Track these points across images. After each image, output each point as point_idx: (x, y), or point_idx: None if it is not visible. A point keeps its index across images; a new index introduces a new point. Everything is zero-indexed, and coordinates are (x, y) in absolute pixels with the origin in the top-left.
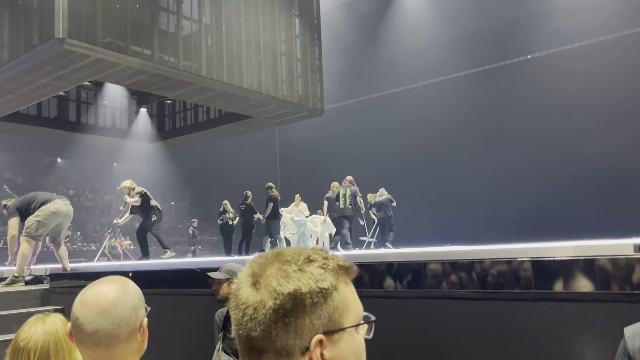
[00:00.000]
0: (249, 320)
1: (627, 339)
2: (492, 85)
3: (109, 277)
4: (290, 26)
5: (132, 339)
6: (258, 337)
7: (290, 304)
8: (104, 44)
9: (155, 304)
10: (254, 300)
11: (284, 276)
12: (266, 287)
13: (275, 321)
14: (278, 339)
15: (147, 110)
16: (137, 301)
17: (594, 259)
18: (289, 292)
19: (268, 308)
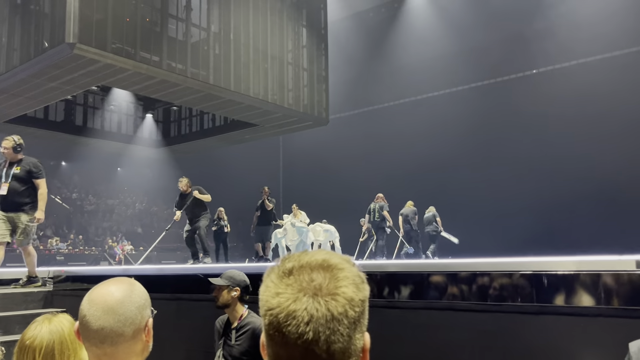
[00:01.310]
0: (330, 334)
1: (632, 354)
2: (497, 99)
3: (117, 278)
4: (297, 36)
5: (137, 338)
6: (339, 347)
7: (362, 310)
8: (113, 49)
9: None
10: (331, 313)
11: (352, 284)
12: (341, 296)
13: (355, 328)
14: (352, 345)
15: (153, 116)
16: (143, 301)
17: (596, 274)
18: (361, 299)
19: (350, 317)
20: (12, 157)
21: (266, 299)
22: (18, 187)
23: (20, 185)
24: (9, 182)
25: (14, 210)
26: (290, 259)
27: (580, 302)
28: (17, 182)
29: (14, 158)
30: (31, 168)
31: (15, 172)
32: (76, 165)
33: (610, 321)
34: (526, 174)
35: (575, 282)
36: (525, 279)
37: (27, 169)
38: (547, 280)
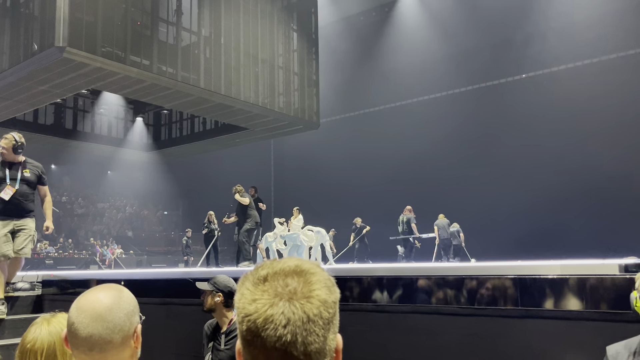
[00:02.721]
0: (307, 336)
1: (609, 357)
2: (486, 102)
3: (105, 284)
4: (288, 40)
5: (125, 345)
6: (316, 348)
7: (334, 311)
8: (103, 53)
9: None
10: (307, 315)
11: (324, 287)
12: (315, 298)
13: (329, 329)
14: (326, 345)
15: (144, 119)
16: (131, 308)
17: (580, 278)
18: (333, 301)
19: (325, 318)
20: (11, 158)
21: (243, 306)
22: (27, 192)
23: (29, 190)
24: (17, 186)
25: (19, 217)
26: (263, 266)
27: (564, 306)
28: (27, 186)
29: (13, 159)
30: (40, 173)
31: (26, 175)
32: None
33: (593, 325)
34: (516, 177)
35: (559, 286)
36: (510, 283)
37: (37, 173)
38: (532, 285)
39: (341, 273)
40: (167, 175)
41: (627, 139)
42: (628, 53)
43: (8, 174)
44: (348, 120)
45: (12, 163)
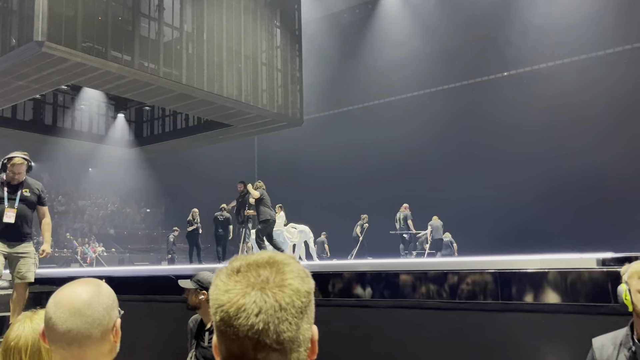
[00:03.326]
0: (279, 324)
1: (595, 349)
2: (469, 100)
3: (83, 279)
4: (271, 36)
5: (104, 340)
6: (288, 336)
7: (308, 301)
8: (84, 48)
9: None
10: (279, 303)
11: (297, 277)
12: (288, 287)
13: (302, 318)
14: (300, 334)
15: (125, 115)
16: (110, 302)
17: (559, 272)
18: (307, 290)
19: (297, 307)
20: (18, 179)
21: (216, 297)
22: (26, 213)
23: (29, 211)
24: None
25: (18, 240)
26: (237, 259)
27: (543, 300)
28: (26, 206)
29: (19, 180)
30: (40, 193)
31: (26, 195)
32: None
33: (571, 317)
34: (497, 174)
35: (538, 280)
36: (490, 277)
37: (38, 193)
38: (511, 279)
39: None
40: (149, 172)
41: (607, 137)
42: (607, 52)
43: (6, 194)
44: (332, 118)
45: (12, 183)
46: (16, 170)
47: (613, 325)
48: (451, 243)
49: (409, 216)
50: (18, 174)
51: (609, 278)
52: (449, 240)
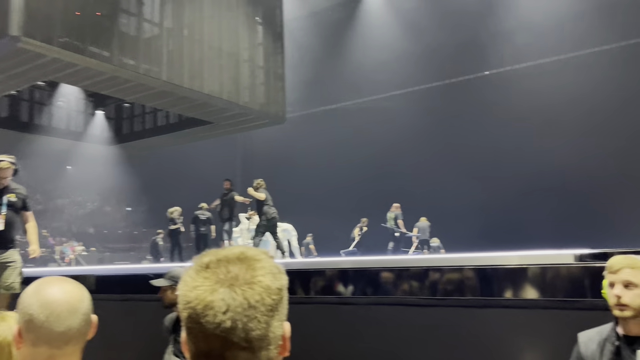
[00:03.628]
0: (248, 322)
1: (580, 344)
2: (452, 99)
3: (54, 277)
4: (253, 33)
5: (85, 337)
6: (257, 334)
7: (279, 298)
8: (61, 43)
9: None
10: (247, 301)
11: (268, 273)
12: (257, 284)
13: (273, 316)
14: (270, 332)
15: (104, 112)
16: (90, 298)
17: (537, 268)
18: (278, 287)
19: (268, 305)
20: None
21: (184, 293)
22: (12, 219)
23: (15, 217)
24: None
25: (5, 248)
26: (207, 254)
27: (522, 295)
28: (14, 212)
29: (3, 184)
30: (25, 198)
31: (12, 200)
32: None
33: (549, 312)
34: (480, 172)
35: (517, 276)
36: (470, 273)
37: (23, 197)
38: (491, 275)
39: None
40: (130, 170)
41: (588, 136)
42: (588, 52)
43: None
44: (315, 116)
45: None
46: (2, 175)
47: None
48: (439, 248)
49: (399, 216)
50: (3, 179)
51: (586, 273)
52: (437, 246)
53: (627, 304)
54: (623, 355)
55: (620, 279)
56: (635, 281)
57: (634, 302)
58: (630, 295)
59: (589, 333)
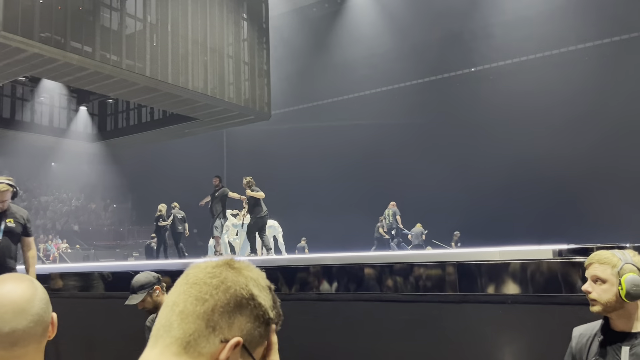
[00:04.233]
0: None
1: (573, 338)
2: (436, 95)
3: (8, 274)
4: (238, 29)
5: (44, 336)
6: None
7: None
8: (42, 38)
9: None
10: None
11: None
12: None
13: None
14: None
15: (88, 109)
16: (46, 296)
17: (516, 263)
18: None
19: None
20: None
21: None
22: (10, 246)
23: (12, 244)
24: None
25: None
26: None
27: (500, 290)
28: (10, 239)
29: (2, 208)
30: (26, 222)
31: (10, 225)
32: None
33: (528, 307)
34: (464, 168)
35: (496, 271)
36: (449, 269)
37: (22, 222)
38: (470, 271)
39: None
40: (114, 166)
41: (569, 132)
42: (569, 49)
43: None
44: (301, 112)
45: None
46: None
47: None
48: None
49: (397, 212)
50: (1, 202)
51: (564, 268)
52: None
53: (596, 299)
54: (607, 351)
55: (589, 274)
56: (602, 276)
57: (602, 297)
58: (598, 290)
59: (582, 328)
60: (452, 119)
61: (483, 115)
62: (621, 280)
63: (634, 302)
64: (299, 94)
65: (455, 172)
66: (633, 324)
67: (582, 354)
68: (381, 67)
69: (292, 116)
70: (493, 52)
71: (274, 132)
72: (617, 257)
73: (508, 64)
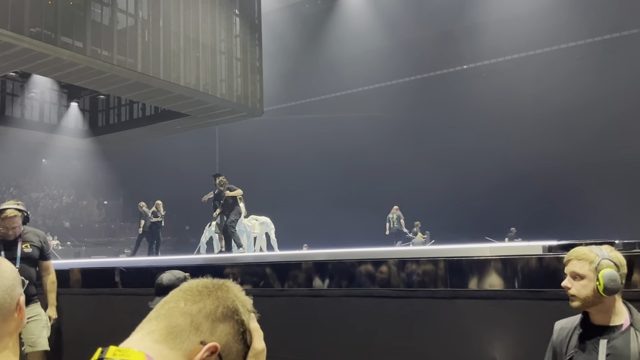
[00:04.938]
0: None
1: (554, 332)
2: (429, 92)
3: None
4: (230, 25)
5: (7, 320)
6: None
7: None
8: (32, 33)
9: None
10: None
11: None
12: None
13: None
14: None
15: (79, 104)
16: (10, 282)
17: (506, 259)
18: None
19: None
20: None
21: None
22: (30, 273)
23: (32, 270)
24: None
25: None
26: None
27: (490, 286)
28: (28, 264)
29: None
30: (43, 245)
31: (26, 251)
32: None
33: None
34: (455, 164)
35: (487, 267)
36: (440, 265)
37: (39, 246)
38: (461, 266)
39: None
40: (105, 163)
41: (562, 129)
42: (561, 47)
43: (3, 254)
44: (293, 109)
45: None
46: (8, 225)
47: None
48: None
49: (401, 216)
50: (12, 229)
51: (554, 264)
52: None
53: (575, 295)
54: (586, 344)
55: (568, 271)
56: (581, 272)
57: (580, 292)
58: (577, 286)
59: (562, 322)
60: (444, 116)
61: (475, 112)
62: (599, 276)
63: (612, 296)
64: (292, 90)
65: (447, 169)
66: (611, 317)
67: (562, 347)
68: (373, 64)
69: (285, 113)
70: (485, 50)
71: (266, 129)
72: (595, 253)
73: (500, 62)
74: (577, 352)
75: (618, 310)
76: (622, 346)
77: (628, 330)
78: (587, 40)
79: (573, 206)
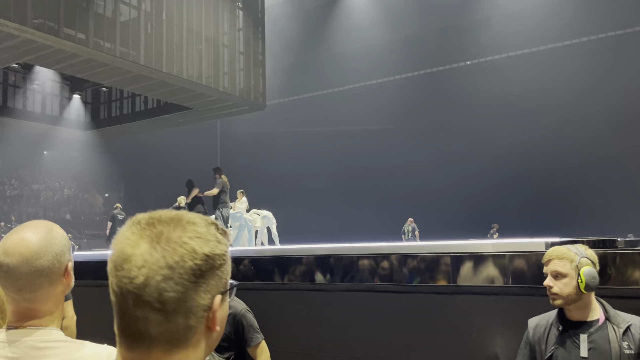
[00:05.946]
0: (161, 281)
1: (529, 329)
2: (432, 88)
3: (34, 221)
4: (233, 18)
5: (55, 284)
6: (172, 297)
7: (206, 265)
8: (35, 24)
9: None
10: (166, 261)
11: (198, 237)
12: (181, 246)
13: (196, 282)
14: (189, 299)
15: (81, 96)
16: (60, 248)
17: (508, 255)
18: (206, 253)
19: (188, 268)
20: None
21: (111, 246)
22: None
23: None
24: None
25: None
26: (147, 213)
27: (492, 282)
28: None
29: None
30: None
31: None
32: None
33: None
34: (457, 161)
35: (488, 262)
36: (443, 260)
37: None
38: (464, 262)
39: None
40: (107, 155)
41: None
42: (564, 44)
43: None
44: (296, 103)
45: None
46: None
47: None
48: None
49: (415, 228)
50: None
51: None
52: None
53: (557, 293)
54: (566, 339)
55: (549, 270)
56: (562, 271)
57: (562, 291)
58: (559, 285)
59: (537, 319)
60: (447, 111)
61: (479, 107)
62: (580, 274)
63: (589, 293)
64: (294, 84)
65: (449, 165)
66: (588, 313)
67: (540, 344)
68: (376, 59)
69: (287, 107)
70: (489, 46)
71: (268, 122)
72: (574, 252)
73: (504, 58)
74: (557, 348)
75: (594, 306)
76: (602, 339)
77: (605, 325)
78: (590, 37)
79: (576, 203)
